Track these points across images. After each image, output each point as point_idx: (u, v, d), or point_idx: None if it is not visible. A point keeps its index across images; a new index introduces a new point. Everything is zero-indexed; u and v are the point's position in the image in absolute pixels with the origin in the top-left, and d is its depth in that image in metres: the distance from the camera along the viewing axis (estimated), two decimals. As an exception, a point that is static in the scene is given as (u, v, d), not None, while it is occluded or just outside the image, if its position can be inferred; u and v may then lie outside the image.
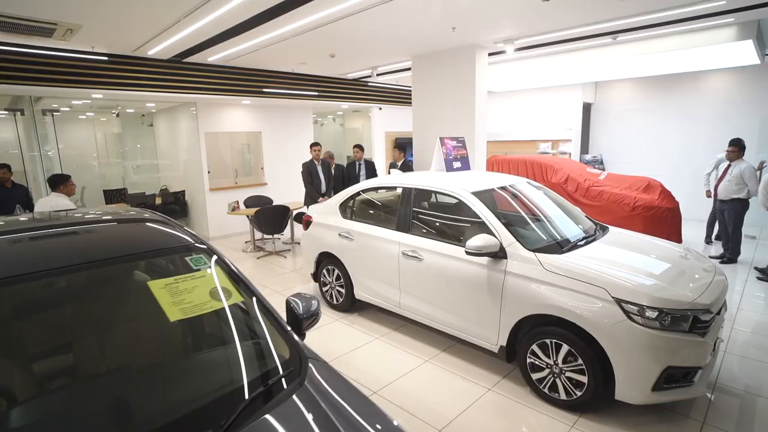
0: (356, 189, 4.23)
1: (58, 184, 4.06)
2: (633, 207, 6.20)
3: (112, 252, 1.62)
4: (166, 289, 1.55)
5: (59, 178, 4.12)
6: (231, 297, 1.71)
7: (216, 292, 1.68)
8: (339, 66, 7.16)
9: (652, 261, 2.93)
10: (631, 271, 2.68)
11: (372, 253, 3.86)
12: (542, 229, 3.33)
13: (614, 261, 2.85)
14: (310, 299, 1.95)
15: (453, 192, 3.37)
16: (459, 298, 3.20)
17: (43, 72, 5.22)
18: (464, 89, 5.78)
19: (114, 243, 1.71)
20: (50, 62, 5.24)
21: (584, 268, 2.66)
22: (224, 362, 1.59)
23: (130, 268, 1.66)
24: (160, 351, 1.59)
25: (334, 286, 4.39)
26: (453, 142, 4.09)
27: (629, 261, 2.89)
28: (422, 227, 3.64)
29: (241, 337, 1.65)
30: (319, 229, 4.46)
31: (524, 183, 3.83)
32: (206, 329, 1.70)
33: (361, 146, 6.57)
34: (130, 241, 1.76)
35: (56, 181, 4.08)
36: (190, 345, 1.69)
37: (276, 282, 5.43)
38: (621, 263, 2.81)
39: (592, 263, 2.75)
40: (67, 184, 4.11)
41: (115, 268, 1.60)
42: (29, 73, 5.14)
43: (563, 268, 2.69)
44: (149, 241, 1.78)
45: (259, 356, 1.62)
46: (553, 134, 9.86)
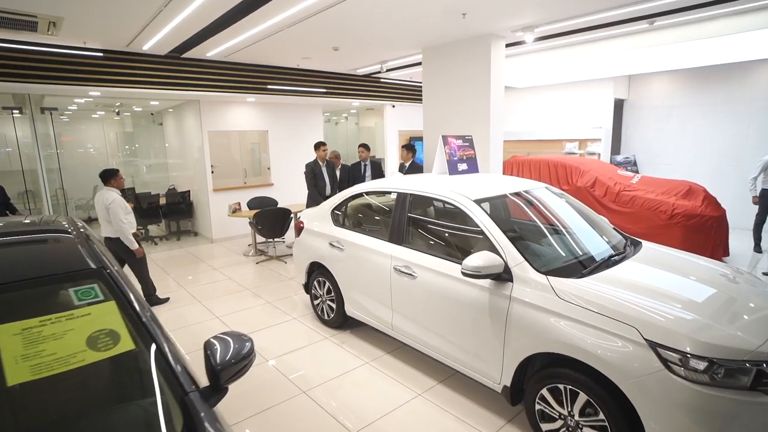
0: (349, 193, 3.79)
1: (108, 178, 4.28)
2: (671, 215, 5.49)
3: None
4: (20, 337, 1.15)
5: (109, 172, 4.30)
6: (118, 344, 1.29)
7: (98, 338, 1.27)
8: (345, 61, 6.74)
9: (698, 289, 2.35)
10: (671, 303, 2.12)
11: (362, 266, 3.41)
12: (560, 244, 2.79)
13: (648, 288, 2.29)
14: (241, 341, 1.52)
15: (451, 199, 2.88)
16: (456, 325, 2.70)
17: (37, 69, 5.04)
18: (479, 84, 5.25)
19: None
20: (44, 58, 5.05)
21: (609, 298, 2.12)
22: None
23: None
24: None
25: (325, 300, 3.97)
26: (458, 141, 3.59)
27: (667, 288, 2.32)
28: (417, 239, 3.16)
29: (118, 402, 1.23)
30: (310, 236, 4.05)
31: (542, 189, 3.28)
32: (69, 390, 1.29)
33: (366, 145, 6.12)
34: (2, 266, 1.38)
35: (106, 175, 4.29)
36: (37, 412, 1.20)
37: (270, 290, 5.06)
38: (657, 291, 2.25)
39: (619, 291, 2.20)
40: (116, 178, 4.31)
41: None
42: (23, 69, 4.97)
43: (582, 298, 2.16)
44: (25, 267, 1.39)
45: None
46: (581, 133, 9.12)
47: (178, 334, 3.93)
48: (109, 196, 4.16)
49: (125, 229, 4.18)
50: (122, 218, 4.15)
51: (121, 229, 4.17)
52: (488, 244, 2.57)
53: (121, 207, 4.18)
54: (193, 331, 4.01)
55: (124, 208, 4.22)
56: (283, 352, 3.54)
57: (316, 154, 6.00)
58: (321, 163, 6.01)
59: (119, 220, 4.13)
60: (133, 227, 4.33)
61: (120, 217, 4.13)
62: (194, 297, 4.92)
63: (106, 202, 4.13)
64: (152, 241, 7.66)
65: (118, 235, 4.21)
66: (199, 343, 3.81)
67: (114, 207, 4.13)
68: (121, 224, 4.14)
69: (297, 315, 4.32)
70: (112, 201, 4.12)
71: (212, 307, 4.59)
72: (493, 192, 3.00)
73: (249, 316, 4.34)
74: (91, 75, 5.40)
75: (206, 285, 5.34)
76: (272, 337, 3.85)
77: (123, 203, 4.24)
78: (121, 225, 4.14)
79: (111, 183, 4.28)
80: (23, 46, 4.88)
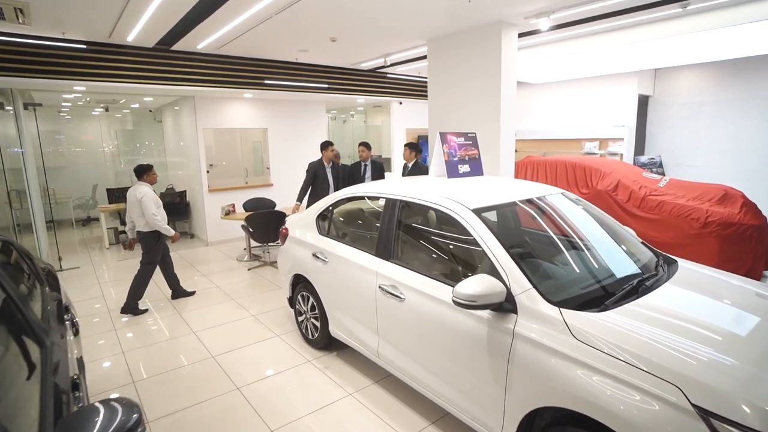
0: (335, 197, 3.35)
1: (141, 173, 4.43)
2: (704, 223, 4.89)
3: None
4: None
5: (142, 168, 4.44)
6: None
7: None
8: (346, 54, 6.32)
9: (762, 329, 1.84)
10: (727, 349, 1.62)
11: (346, 283, 2.97)
12: (579, 265, 2.31)
13: (693, 327, 1.79)
14: (126, 410, 1.09)
15: (445, 207, 2.41)
16: (449, 360, 2.24)
17: (15, 61, 4.75)
18: (489, 77, 4.76)
19: None
20: (22, 50, 4.76)
21: (642, 343, 1.64)
22: None
23: None
24: None
25: (309, 318, 3.54)
26: (459, 139, 3.11)
27: (720, 327, 1.81)
28: (407, 255, 2.71)
29: None
30: (294, 245, 3.63)
31: (557, 195, 2.79)
32: None
33: (367, 144, 5.65)
34: None
35: (140, 171, 4.44)
36: None
37: (258, 301, 4.67)
38: (705, 332, 1.75)
39: (655, 331, 1.71)
40: (149, 173, 4.47)
41: None
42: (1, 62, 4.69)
43: (606, 340, 1.68)
44: None
45: None
46: (602, 132, 8.50)
47: (139, 354, 3.55)
48: (141, 190, 4.31)
49: (158, 220, 4.33)
50: (154, 211, 4.29)
51: (154, 222, 4.31)
52: (489, 264, 2.10)
53: (153, 201, 4.33)
54: (158, 351, 3.64)
55: (156, 202, 4.37)
56: (257, 378, 3.13)
57: (323, 155, 5.54)
58: (326, 164, 5.56)
59: (151, 213, 4.28)
60: (164, 221, 4.44)
61: (152, 210, 4.28)
62: (174, 307, 4.56)
63: (139, 196, 4.28)
64: (146, 243, 7.36)
65: (152, 227, 4.36)
66: (163, 366, 3.46)
67: (146, 200, 4.28)
68: (153, 217, 4.29)
69: (281, 331, 3.90)
70: (144, 195, 4.28)
71: (191, 320, 4.21)
72: (497, 199, 2.52)
73: (228, 331, 3.95)
74: (75, 68, 5.09)
75: (191, 294, 4.97)
76: (249, 357, 3.44)
77: (154, 197, 4.38)
78: (153, 218, 4.29)
79: (144, 178, 4.43)
80: (1, 37, 4.61)
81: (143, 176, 4.44)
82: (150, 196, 4.31)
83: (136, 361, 3.42)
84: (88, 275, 5.75)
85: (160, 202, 4.46)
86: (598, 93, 8.60)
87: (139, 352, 3.59)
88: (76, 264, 6.30)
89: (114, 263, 6.37)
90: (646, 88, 8.34)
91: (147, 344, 3.72)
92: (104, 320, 4.24)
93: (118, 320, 4.24)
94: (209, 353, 3.53)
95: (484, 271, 2.15)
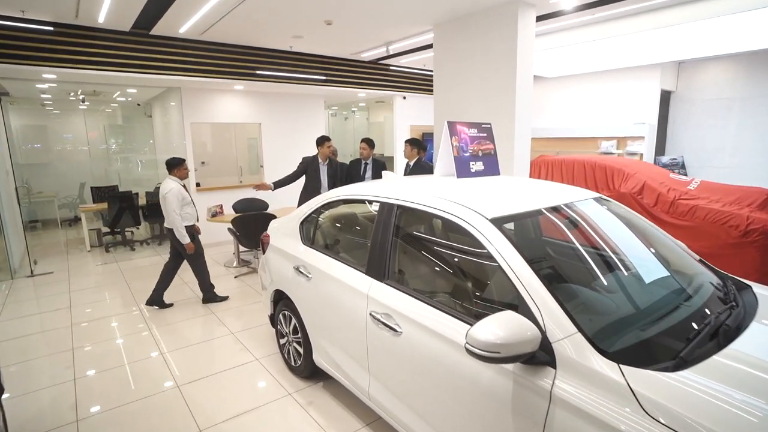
0: (322, 200, 2.82)
1: (172, 167, 4.17)
2: (745, 231, 4.32)
3: None
4: None
5: (173, 161, 4.18)
6: None
7: None
8: (345, 42, 5.78)
9: None
10: None
11: (331, 305, 2.44)
12: (633, 295, 1.76)
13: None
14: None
15: (456, 216, 1.87)
16: (460, 419, 1.70)
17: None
18: (502, 66, 4.21)
19: None
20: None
21: (748, 425, 1.09)
22: None
23: None
24: None
25: (291, 342, 3.01)
26: (471, 131, 2.57)
27: None
28: (406, 275, 2.17)
29: None
30: (276, 255, 3.10)
31: (590, 201, 2.23)
32: None
33: (369, 141, 5.06)
34: None
35: (171, 164, 4.17)
36: None
37: (240, 315, 4.15)
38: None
39: (762, 404, 1.16)
40: (180, 168, 4.19)
41: None
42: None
43: (695, 422, 1.13)
44: None
45: None
46: (620, 130, 7.90)
47: (93, 382, 3.03)
48: (167, 185, 4.07)
49: (176, 221, 4.06)
50: (175, 209, 4.03)
51: (172, 221, 4.06)
52: (513, 293, 1.56)
53: (177, 198, 4.06)
54: (116, 378, 3.12)
55: (181, 200, 4.11)
56: (226, 417, 2.60)
57: (318, 151, 4.98)
58: (321, 162, 5.01)
59: (172, 210, 4.02)
60: (191, 219, 4.22)
61: (173, 208, 4.02)
62: (146, 321, 4.05)
63: (164, 191, 4.05)
64: (129, 246, 6.87)
65: (171, 226, 4.10)
66: (119, 398, 2.69)
67: (170, 197, 4.02)
68: (174, 216, 4.03)
69: (262, 354, 3.38)
70: (169, 191, 4.03)
71: (163, 337, 3.70)
72: (522, 206, 1.97)
73: (202, 353, 3.43)
74: (42, 53, 4.60)
75: (168, 306, 4.46)
76: (221, 388, 2.92)
77: (180, 194, 4.11)
78: (173, 216, 4.03)
79: (174, 173, 4.17)
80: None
81: (173, 170, 4.17)
82: (174, 193, 4.04)
83: (87, 392, 2.91)
84: (60, 282, 5.26)
85: (187, 199, 4.19)
86: (617, 88, 8.00)
87: (93, 379, 3.07)
88: (51, 268, 5.82)
89: (92, 268, 5.88)
90: (668, 83, 7.73)
91: (105, 368, 3.21)
92: (62, 338, 3.74)
93: (79, 337, 3.74)
94: (175, 381, 3.01)
95: (505, 300, 1.61)
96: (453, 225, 1.88)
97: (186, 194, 4.20)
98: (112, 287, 5.03)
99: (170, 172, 4.19)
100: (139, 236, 7.58)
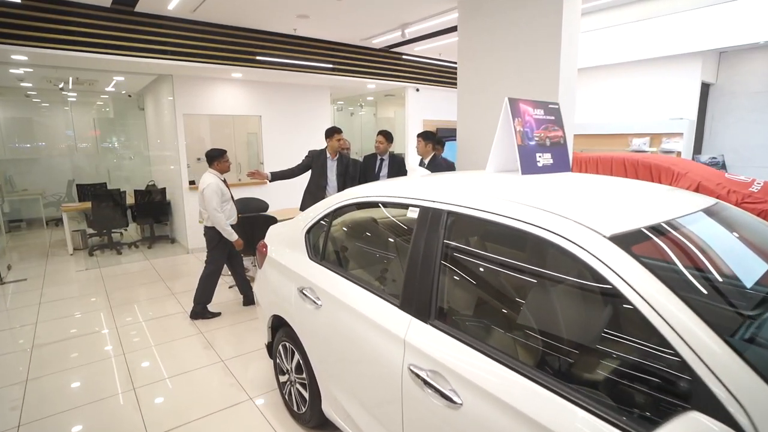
0: (335, 203, 2.17)
1: (212, 160, 3.87)
2: (831, 241, 3.63)
3: None
4: None
5: (213, 153, 3.88)
6: None
7: None
8: (356, 24, 5.14)
9: None
10: None
11: (349, 345, 1.79)
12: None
13: None
14: None
15: (553, 231, 1.21)
16: None
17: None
18: (542, 51, 3.52)
19: None
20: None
21: None
22: None
23: None
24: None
25: (294, 381, 2.36)
26: (537, 111, 1.92)
27: None
28: (465, 312, 1.51)
29: None
30: (274, 271, 2.46)
31: (722, 207, 1.57)
32: None
33: (387, 133, 4.32)
34: None
35: (211, 156, 3.87)
36: None
37: (231, 336, 3.51)
38: None
39: None
40: (220, 160, 3.87)
41: None
42: None
43: None
44: None
45: None
46: (653, 126, 7.22)
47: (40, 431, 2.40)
48: (205, 179, 3.76)
49: (219, 219, 3.72)
50: (215, 206, 3.69)
51: (213, 218, 3.72)
52: (675, 367, 0.91)
53: (216, 194, 3.71)
54: (74, 422, 2.48)
55: (220, 195, 3.76)
56: (205, 491, 1.96)
57: (327, 144, 4.29)
58: (331, 157, 4.32)
59: (212, 208, 3.68)
60: (230, 217, 3.87)
61: (213, 206, 3.68)
62: (121, 342, 3.42)
63: (202, 185, 3.74)
64: (116, 249, 6.25)
65: (213, 224, 3.76)
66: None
67: (208, 192, 3.68)
68: (215, 214, 3.69)
69: (258, 391, 2.74)
70: (207, 186, 3.70)
71: (136, 366, 3.06)
72: (647, 216, 1.31)
73: (183, 388, 2.79)
74: (9, 29, 3.98)
75: (149, 322, 3.83)
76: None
77: (219, 189, 3.76)
78: (214, 213, 3.69)
79: (214, 165, 3.86)
80: None
81: (213, 163, 3.85)
82: (213, 189, 3.70)
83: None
84: (31, 291, 4.63)
85: (227, 195, 3.86)
86: (651, 80, 7.32)
87: (42, 427, 2.44)
88: (26, 274, 5.20)
89: (71, 274, 5.26)
90: (708, 74, 7.05)
91: (59, 410, 2.57)
92: (17, 364, 3.10)
93: (38, 364, 3.10)
94: (144, 430, 2.37)
95: (653, 375, 0.96)
96: (541, 243, 1.22)
97: (226, 190, 3.87)
98: (89, 299, 4.41)
99: (210, 164, 3.86)
100: (128, 238, 6.96)
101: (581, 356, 1.21)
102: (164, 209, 6.66)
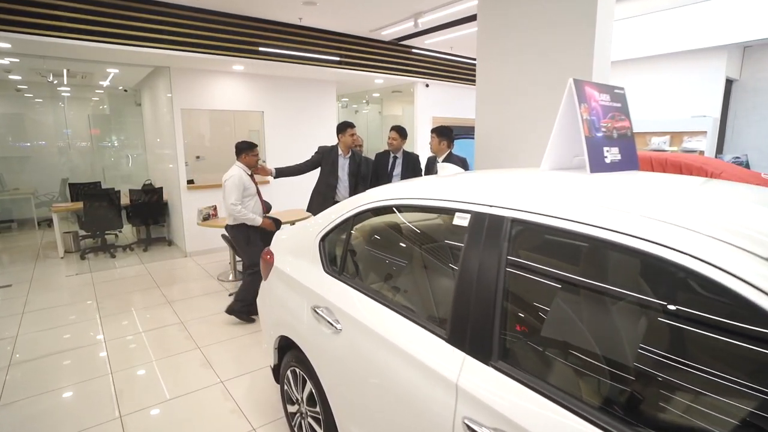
0: (356, 205, 1.83)
1: (240, 152, 3.70)
2: None
3: None
4: None
5: (242, 145, 3.70)
6: None
7: None
8: (365, 12, 4.81)
9: None
10: None
11: (380, 385, 1.45)
12: None
13: None
14: None
15: (682, 251, 0.86)
16: None
17: None
18: (572, 38, 3.16)
19: None
20: None
21: None
22: None
23: None
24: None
25: (306, 414, 2.02)
26: (603, 96, 1.59)
27: None
28: (541, 353, 1.16)
29: None
30: (281, 284, 2.12)
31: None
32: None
33: (400, 129, 3.99)
34: None
35: (239, 148, 3.71)
36: None
37: (232, 352, 3.17)
38: None
39: None
40: (248, 153, 3.68)
41: None
42: None
43: None
44: None
45: None
46: (674, 125, 6.89)
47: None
48: (230, 171, 3.60)
49: (239, 211, 3.54)
50: (233, 200, 3.51)
51: (233, 212, 3.54)
52: None
53: (238, 187, 3.53)
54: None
55: (242, 188, 3.56)
56: None
57: (339, 140, 3.96)
58: (343, 154, 3.97)
59: (230, 203, 3.51)
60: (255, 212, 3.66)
61: (231, 199, 3.50)
62: (109, 359, 3.08)
63: (225, 178, 3.56)
64: (109, 252, 5.91)
65: (234, 219, 3.59)
66: None
67: (229, 185, 3.51)
68: (232, 207, 3.52)
69: (262, 421, 2.40)
70: (230, 177, 3.54)
71: (124, 387, 2.72)
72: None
73: (177, 413, 2.45)
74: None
75: (141, 335, 3.49)
76: (197, 486, 1.94)
77: (241, 182, 3.56)
78: (231, 208, 3.52)
79: (242, 158, 3.70)
80: None
81: (241, 155, 3.68)
82: (235, 181, 3.52)
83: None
84: (15, 299, 4.29)
85: (251, 190, 3.67)
86: (671, 76, 6.98)
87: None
88: (12, 279, 4.86)
89: (60, 280, 4.92)
90: (732, 70, 6.72)
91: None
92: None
93: (12, 386, 2.76)
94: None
95: None
96: (657, 265, 0.88)
97: (251, 184, 3.68)
98: (77, 307, 4.07)
99: (238, 156, 3.70)
100: (123, 240, 6.62)
101: (708, 410, 0.87)
102: (161, 210, 6.32)
